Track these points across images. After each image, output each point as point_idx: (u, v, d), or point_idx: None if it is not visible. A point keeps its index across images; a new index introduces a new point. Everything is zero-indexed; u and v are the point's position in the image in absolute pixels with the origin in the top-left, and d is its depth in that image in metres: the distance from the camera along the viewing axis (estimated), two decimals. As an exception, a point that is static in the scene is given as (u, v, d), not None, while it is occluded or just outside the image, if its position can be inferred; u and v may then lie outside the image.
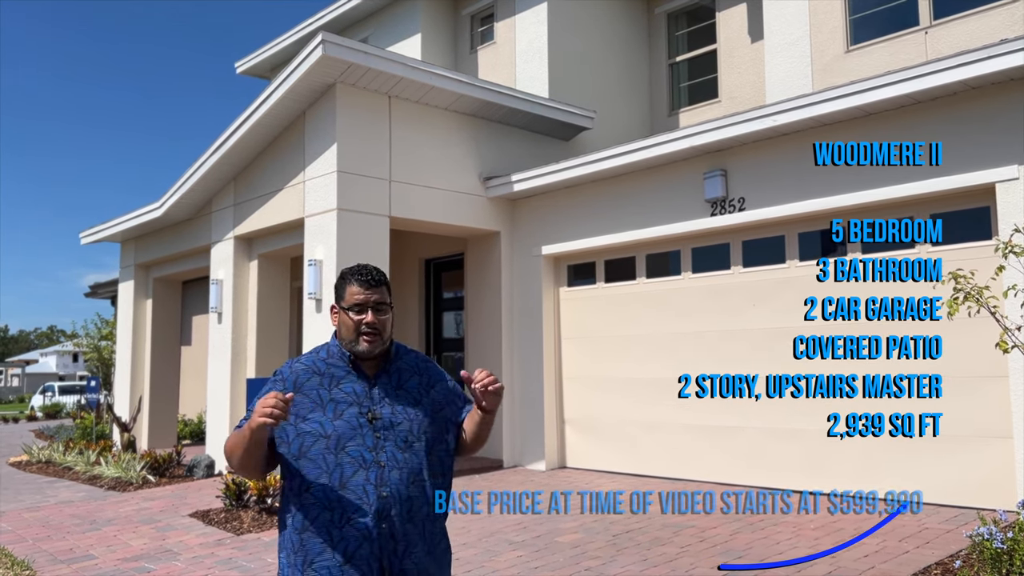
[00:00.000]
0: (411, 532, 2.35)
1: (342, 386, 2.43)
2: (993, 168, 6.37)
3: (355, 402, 2.40)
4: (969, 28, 8.62)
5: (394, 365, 2.51)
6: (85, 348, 22.11)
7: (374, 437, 2.36)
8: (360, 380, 2.44)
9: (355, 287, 2.44)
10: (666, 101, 12.76)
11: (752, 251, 8.19)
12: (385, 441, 2.36)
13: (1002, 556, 4.26)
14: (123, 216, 12.53)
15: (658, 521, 6.53)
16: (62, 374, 59.98)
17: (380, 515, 2.31)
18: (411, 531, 2.35)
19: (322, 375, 2.45)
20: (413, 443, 2.39)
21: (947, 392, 6.27)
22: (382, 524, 2.31)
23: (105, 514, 7.95)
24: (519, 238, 10.30)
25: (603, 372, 9.39)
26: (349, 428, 2.36)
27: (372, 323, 2.41)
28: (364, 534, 2.30)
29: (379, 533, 2.30)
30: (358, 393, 2.42)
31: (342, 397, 2.41)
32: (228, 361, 10.39)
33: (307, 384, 2.43)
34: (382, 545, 2.31)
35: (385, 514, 2.31)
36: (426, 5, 13.08)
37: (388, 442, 2.37)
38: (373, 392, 2.43)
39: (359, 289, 2.44)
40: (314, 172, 9.00)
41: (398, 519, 2.32)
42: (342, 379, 2.44)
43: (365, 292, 2.43)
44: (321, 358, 2.50)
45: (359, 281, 2.45)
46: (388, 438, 2.37)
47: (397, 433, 2.38)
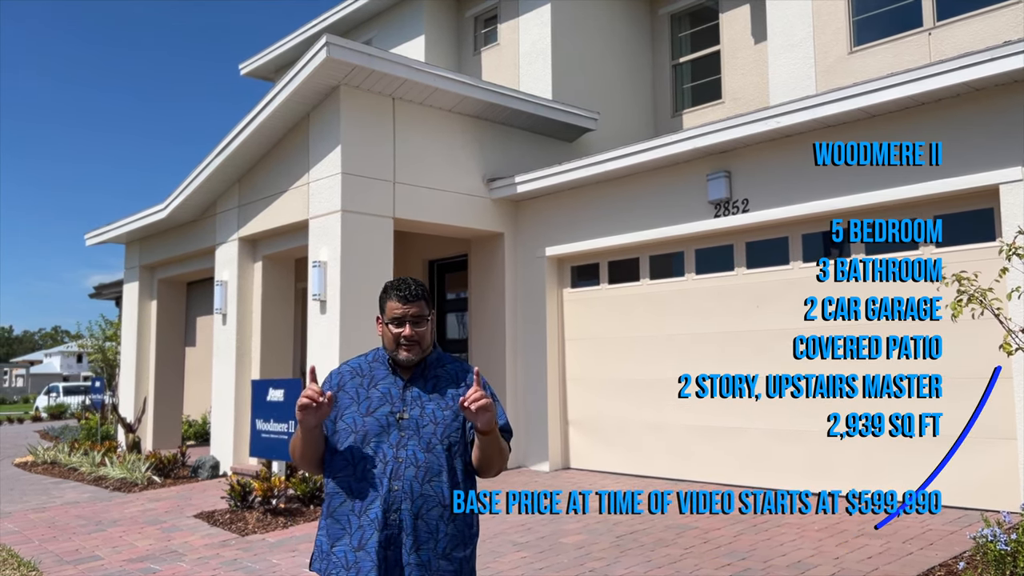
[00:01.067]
0: (421, 529, 2.46)
1: (379, 386, 2.62)
2: (997, 170, 6.37)
3: (388, 402, 2.58)
4: (973, 29, 8.62)
5: (432, 371, 2.66)
6: (89, 349, 22.15)
7: (399, 435, 2.52)
8: (396, 382, 2.62)
9: (394, 302, 2.60)
10: (670, 102, 12.77)
11: (756, 252, 8.20)
12: (408, 440, 2.52)
13: (1006, 558, 4.27)
14: (128, 217, 12.56)
15: (661, 523, 6.54)
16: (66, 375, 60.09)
17: (390, 507, 2.45)
18: (421, 528, 2.46)
19: (363, 376, 2.66)
20: (436, 446, 2.53)
21: (951, 393, 6.28)
22: (391, 516, 2.45)
23: (110, 515, 7.98)
24: (523, 239, 10.31)
25: (607, 373, 9.40)
26: (377, 425, 2.54)
27: (409, 336, 2.57)
28: (375, 524, 2.44)
29: (387, 524, 2.45)
30: (392, 394, 2.60)
31: (377, 396, 2.59)
32: (232, 362, 10.41)
33: (349, 383, 2.65)
34: (389, 536, 2.45)
35: (396, 507, 2.45)
36: (430, 7, 13.10)
37: (411, 441, 2.52)
38: (406, 394, 2.59)
39: (397, 304, 2.59)
40: (318, 174, 9.02)
41: (408, 514, 2.45)
42: (381, 380, 2.63)
43: (403, 307, 2.58)
44: (368, 360, 2.71)
45: (398, 296, 2.60)
46: (412, 438, 2.52)
47: (421, 435, 2.53)
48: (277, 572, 5.71)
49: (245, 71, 16.84)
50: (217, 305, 10.69)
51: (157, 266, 13.17)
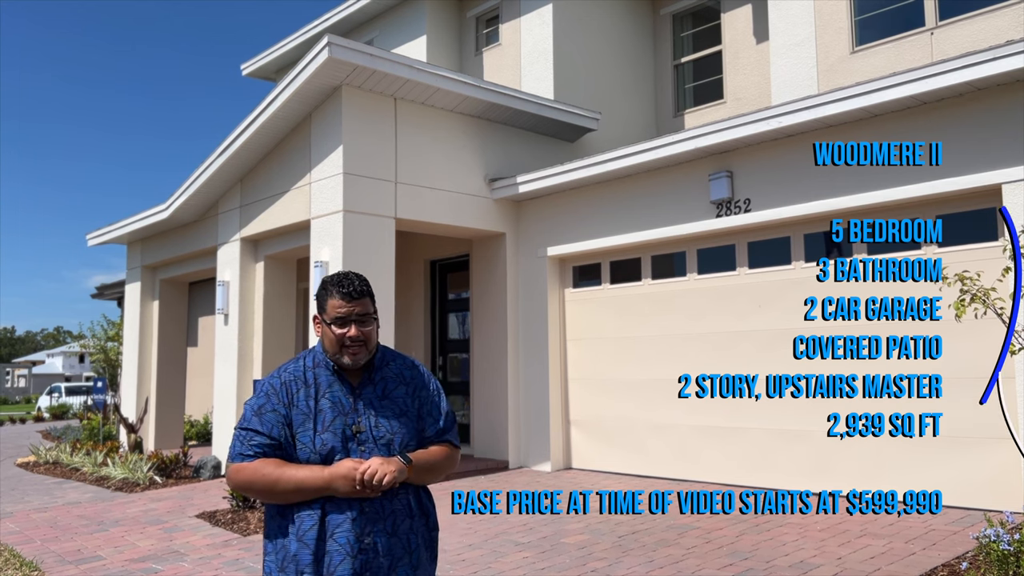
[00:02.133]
0: (395, 547, 2.33)
1: (327, 396, 2.38)
2: (999, 169, 6.36)
3: (340, 413, 2.37)
4: (975, 29, 8.61)
5: (379, 374, 2.46)
6: (92, 349, 22.16)
7: (359, 451, 2.33)
8: (344, 390, 2.40)
9: (337, 300, 2.36)
10: (671, 102, 12.76)
11: (758, 252, 8.19)
12: (369, 455, 2.33)
13: (1009, 558, 4.26)
14: (130, 218, 12.57)
15: (663, 523, 6.54)
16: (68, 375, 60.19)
17: (363, 530, 2.28)
18: (395, 545, 2.33)
19: (308, 385, 2.40)
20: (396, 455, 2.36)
21: (954, 393, 6.28)
22: (365, 540, 2.28)
23: (112, 515, 7.99)
24: (524, 239, 10.31)
25: (608, 373, 9.40)
26: (336, 441, 2.33)
27: (355, 336, 2.36)
28: (347, 549, 2.27)
29: (362, 549, 2.28)
30: (343, 404, 2.38)
31: (328, 407, 2.37)
32: (235, 362, 10.42)
33: (297, 395, 2.39)
34: (365, 561, 2.28)
35: (368, 529, 2.29)
36: (431, 7, 13.10)
37: (372, 454, 2.34)
38: (358, 404, 2.39)
39: (341, 302, 2.36)
40: (320, 174, 9.03)
41: (382, 534, 2.30)
42: (327, 388, 2.40)
43: (348, 305, 2.35)
44: (308, 366, 2.45)
45: (341, 293, 2.36)
46: (372, 452, 2.34)
47: (379, 446, 2.35)
48: (279, 572, 5.71)
49: (247, 71, 16.86)
50: (219, 305, 10.70)
51: (159, 266, 13.18)
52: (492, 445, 10.14)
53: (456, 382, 11.56)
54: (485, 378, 10.40)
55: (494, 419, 10.15)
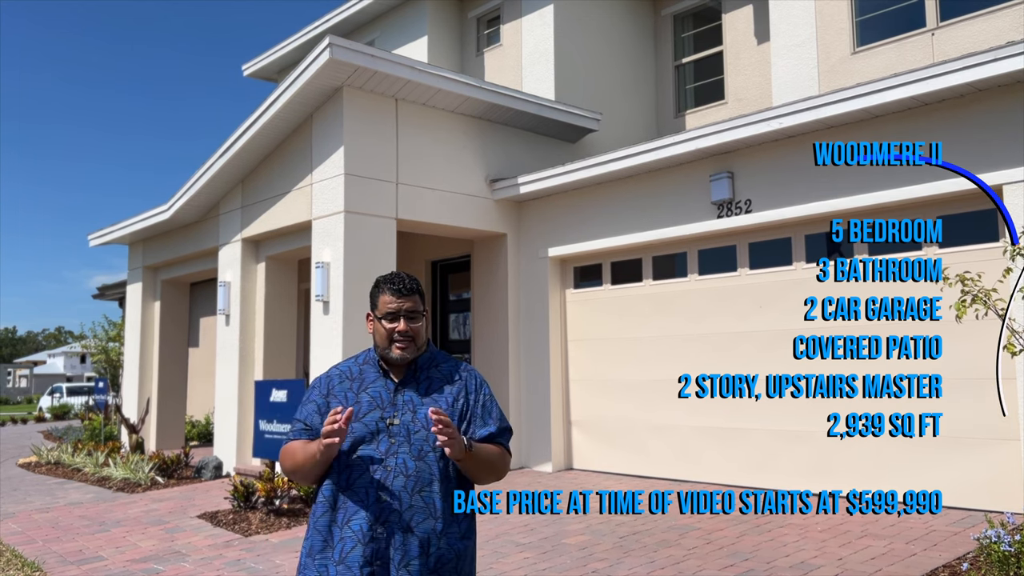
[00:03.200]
0: (410, 542, 2.33)
1: (369, 390, 2.48)
2: (1000, 170, 6.36)
3: (378, 406, 2.45)
4: (976, 30, 8.61)
5: (425, 373, 2.53)
6: (93, 349, 22.18)
7: (388, 442, 2.39)
8: (387, 385, 2.49)
9: (388, 296, 2.48)
10: (672, 103, 12.77)
11: (759, 253, 8.19)
12: (399, 448, 2.38)
13: (1010, 559, 4.26)
14: (131, 218, 12.59)
15: (664, 523, 6.54)
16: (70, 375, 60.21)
17: (377, 519, 2.32)
18: (410, 541, 2.33)
19: (354, 379, 2.53)
20: (428, 453, 2.39)
21: (955, 394, 6.28)
22: (377, 529, 2.31)
23: (114, 515, 8.00)
24: (525, 240, 10.31)
25: (609, 374, 9.40)
26: (366, 432, 2.40)
27: (404, 331, 2.45)
28: (359, 536, 2.31)
29: (372, 538, 2.31)
30: (382, 398, 2.46)
31: (367, 400, 2.46)
32: (236, 363, 10.43)
33: (338, 387, 2.52)
34: (375, 551, 2.31)
35: (383, 520, 2.32)
36: (432, 8, 13.11)
37: (402, 449, 2.38)
38: (397, 398, 2.46)
39: (392, 298, 2.47)
40: (321, 175, 9.04)
41: (397, 527, 2.32)
42: (371, 383, 2.50)
43: (398, 300, 2.47)
44: (358, 363, 2.58)
45: (391, 290, 2.48)
46: (402, 445, 2.38)
47: (412, 442, 2.39)
48: (280, 572, 5.72)
49: (248, 72, 16.88)
50: (220, 306, 10.71)
51: (161, 267, 13.20)
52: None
53: (457, 383, 11.54)
54: (486, 378, 10.37)
55: (495, 420, 10.13)
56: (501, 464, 2.53)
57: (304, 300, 11.71)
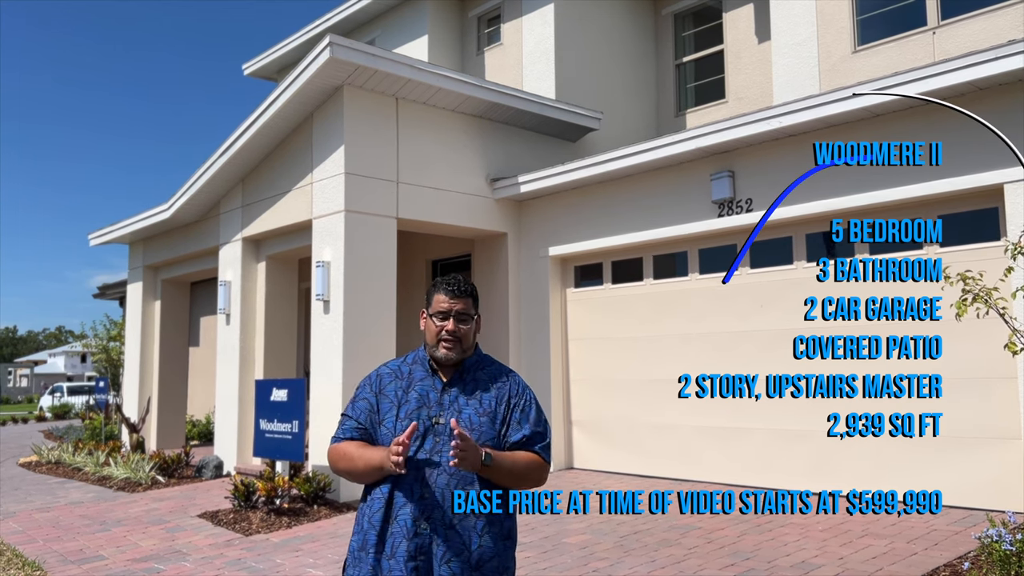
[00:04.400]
0: (452, 538, 2.40)
1: (417, 388, 2.55)
2: (1001, 169, 6.35)
3: (424, 404, 2.52)
4: (976, 29, 8.60)
5: (471, 375, 2.59)
6: (94, 349, 22.19)
7: (433, 440, 2.46)
8: (435, 384, 2.56)
9: (442, 295, 2.56)
10: (673, 102, 12.76)
11: (760, 252, 8.19)
12: (443, 446, 2.44)
13: (1011, 558, 4.26)
14: (132, 218, 12.59)
15: (664, 523, 6.54)
16: (70, 375, 60.23)
17: (420, 515, 2.40)
18: (452, 537, 2.40)
19: (403, 378, 2.60)
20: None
21: (956, 393, 6.28)
22: (422, 525, 2.39)
23: (115, 515, 8.00)
24: (526, 239, 10.31)
25: (610, 373, 9.40)
26: None
27: (452, 331, 2.52)
28: (404, 532, 2.39)
29: (416, 533, 2.39)
30: (430, 397, 2.53)
31: (415, 398, 2.53)
32: (236, 362, 10.43)
33: (388, 386, 2.59)
34: (419, 545, 2.39)
35: (427, 515, 2.40)
36: (433, 7, 13.11)
37: (446, 448, 2.43)
38: (443, 398, 2.53)
39: (445, 297, 2.55)
40: (322, 174, 9.03)
41: (440, 523, 2.39)
42: (419, 382, 2.57)
43: (450, 301, 2.54)
44: (408, 362, 2.66)
45: (446, 290, 2.56)
46: (446, 444, 2.43)
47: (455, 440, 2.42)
48: (281, 572, 5.72)
49: (248, 71, 16.87)
50: (221, 305, 10.71)
51: (161, 266, 13.20)
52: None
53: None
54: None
55: (496, 419, 10.13)
56: (532, 472, 2.57)
57: (304, 299, 11.71)
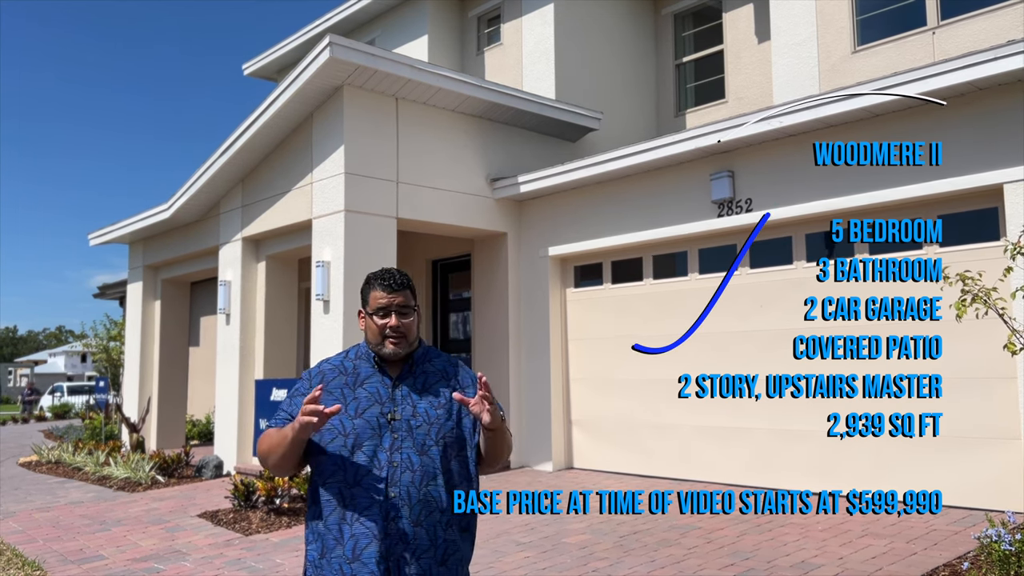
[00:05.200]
0: (420, 536, 2.35)
1: (366, 385, 2.48)
2: (1001, 169, 6.36)
3: (377, 402, 2.45)
4: (976, 28, 8.60)
5: (420, 367, 2.54)
6: (94, 349, 22.18)
7: (392, 438, 2.40)
8: (384, 380, 2.49)
9: (379, 291, 2.49)
10: (673, 102, 12.76)
11: (760, 252, 8.19)
12: (402, 443, 2.39)
13: (1010, 558, 4.26)
14: (131, 218, 12.59)
15: (664, 523, 6.54)
16: (71, 374, 60.19)
17: (388, 515, 2.33)
18: (420, 535, 2.35)
19: (348, 374, 2.51)
20: (430, 447, 2.41)
21: (955, 393, 6.28)
22: (389, 524, 2.33)
23: (115, 514, 8.00)
24: (526, 239, 10.31)
25: (610, 373, 9.40)
26: (368, 427, 2.40)
27: (396, 326, 2.46)
28: (372, 533, 2.32)
29: (386, 533, 2.33)
30: (380, 393, 2.46)
31: (365, 396, 2.46)
32: (236, 362, 10.43)
33: (333, 382, 2.50)
34: (389, 546, 2.33)
35: (393, 515, 2.34)
36: (433, 7, 13.11)
37: (405, 444, 2.39)
38: (395, 393, 2.47)
39: (382, 293, 2.48)
40: (322, 174, 9.03)
41: (407, 521, 2.34)
42: (367, 379, 2.49)
43: (388, 296, 2.47)
44: (350, 357, 2.57)
45: (382, 285, 2.49)
46: (405, 440, 2.40)
47: (415, 436, 2.41)
48: (281, 572, 5.72)
49: (248, 71, 16.88)
50: (221, 305, 10.72)
51: (161, 266, 13.20)
52: (494, 445, 10.12)
53: (458, 382, 11.54)
54: (486, 378, 10.37)
55: (495, 419, 10.13)
56: (509, 440, 2.57)
57: (304, 299, 11.71)
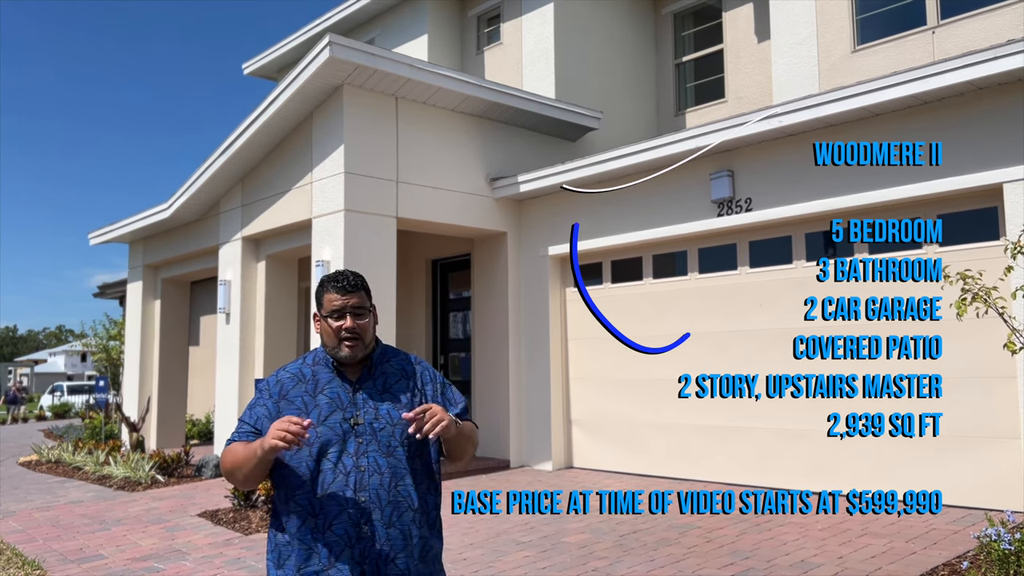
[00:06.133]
0: (394, 537, 2.36)
1: (326, 392, 2.45)
2: (1000, 168, 6.36)
3: (338, 407, 2.42)
4: (976, 28, 8.60)
5: (379, 368, 2.51)
6: (94, 348, 22.19)
7: (356, 443, 2.38)
8: (344, 385, 2.46)
9: (332, 294, 2.45)
10: (673, 101, 12.76)
11: (759, 252, 8.19)
12: (367, 446, 2.38)
13: (1009, 557, 4.26)
14: (131, 217, 12.59)
15: (664, 522, 6.54)
16: (71, 374, 60.20)
17: (360, 521, 2.33)
18: (394, 536, 2.36)
19: (307, 381, 2.47)
20: (396, 448, 2.40)
21: (955, 393, 6.28)
22: (363, 529, 2.33)
23: (114, 514, 8.00)
24: (526, 239, 10.31)
25: (610, 373, 9.40)
26: (332, 434, 2.38)
27: (351, 328, 2.42)
28: (345, 540, 2.32)
29: (359, 538, 2.32)
30: (342, 398, 2.43)
31: (326, 403, 2.42)
32: (236, 361, 10.43)
33: (292, 391, 2.46)
34: (363, 551, 2.33)
35: (365, 519, 2.33)
36: (433, 6, 13.11)
37: (371, 447, 2.38)
38: (356, 397, 2.44)
39: (336, 295, 2.44)
40: (321, 173, 9.03)
41: (380, 524, 2.34)
42: (326, 384, 2.46)
43: (342, 298, 2.44)
44: (308, 364, 2.53)
45: (335, 288, 2.45)
46: (371, 443, 2.38)
47: (379, 438, 2.39)
48: (280, 571, 5.71)
49: (248, 71, 16.87)
50: (221, 304, 10.72)
51: (161, 265, 13.20)
52: (493, 444, 10.14)
53: (457, 381, 11.56)
54: (486, 377, 10.40)
55: (495, 418, 10.16)
56: (475, 434, 2.58)
57: (304, 298, 11.72)
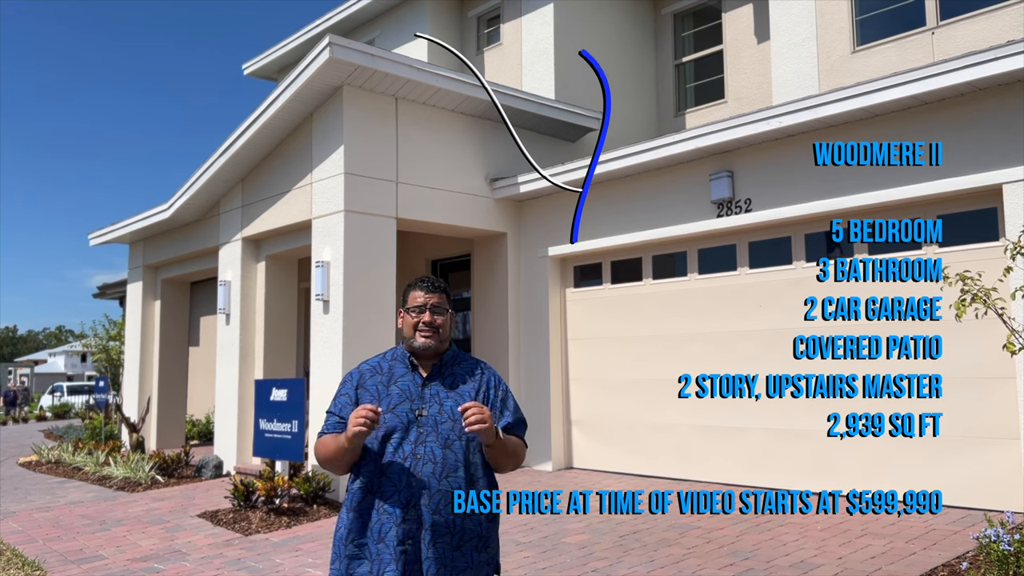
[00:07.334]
0: (439, 523, 2.53)
1: (399, 383, 2.71)
2: (1000, 169, 6.36)
3: (407, 399, 2.67)
4: (976, 29, 8.61)
5: (449, 368, 2.76)
6: (94, 348, 22.21)
7: (417, 432, 2.61)
8: (415, 379, 2.72)
9: (417, 291, 2.76)
10: (672, 102, 12.76)
11: (759, 252, 8.20)
12: (427, 437, 2.60)
13: (1009, 558, 4.26)
14: (131, 218, 12.59)
15: (664, 522, 6.55)
16: (70, 374, 60.19)
17: (408, 503, 2.54)
18: (439, 522, 2.53)
19: (383, 373, 2.76)
20: (454, 442, 2.60)
21: (954, 393, 6.29)
22: (409, 512, 2.53)
23: (114, 514, 8.00)
24: (525, 239, 10.32)
25: (610, 373, 9.40)
26: (398, 422, 2.62)
27: (429, 321, 2.70)
28: (394, 519, 2.53)
29: (406, 519, 2.53)
30: (411, 391, 2.69)
31: (397, 393, 2.68)
32: (236, 362, 10.43)
33: (369, 381, 2.74)
34: (407, 531, 2.52)
35: (414, 503, 2.54)
36: (432, 7, 13.11)
37: (430, 438, 2.60)
38: (425, 392, 2.68)
39: (420, 292, 2.75)
40: (321, 174, 9.04)
41: (426, 509, 2.53)
42: (400, 377, 2.73)
43: (425, 295, 2.74)
44: (387, 358, 2.82)
45: (421, 286, 2.76)
46: (430, 435, 2.60)
47: (439, 431, 2.61)
48: (280, 572, 5.72)
49: (248, 71, 16.88)
50: (221, 305, 10.72)
51: (161, 266, 13.20)
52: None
53: (457, 382, 11.54)
54: (486, 378, 10.39)
55: (495, 419, 10.14)
56: (520, 452, 2.77)
57: (304, 299, 11.71)
